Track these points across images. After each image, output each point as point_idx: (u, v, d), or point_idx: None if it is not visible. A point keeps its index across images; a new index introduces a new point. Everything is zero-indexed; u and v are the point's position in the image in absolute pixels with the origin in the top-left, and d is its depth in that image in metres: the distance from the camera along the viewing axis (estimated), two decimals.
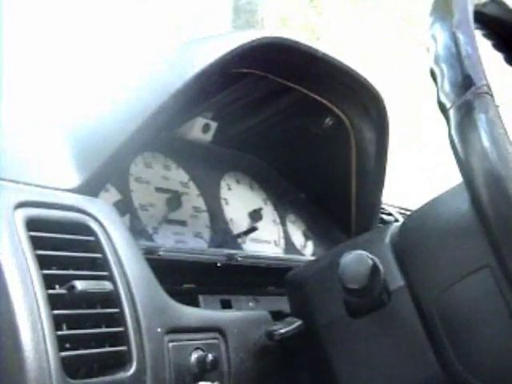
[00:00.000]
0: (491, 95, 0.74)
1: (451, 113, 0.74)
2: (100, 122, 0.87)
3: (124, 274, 0.74)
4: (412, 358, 0.86)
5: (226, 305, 0.98)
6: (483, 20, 0.91)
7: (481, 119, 0.72)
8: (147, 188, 1.03)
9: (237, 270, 1.03)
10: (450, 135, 0.74)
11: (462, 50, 0.75)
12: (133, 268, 0.76)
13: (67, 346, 0.66)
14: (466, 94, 0.73)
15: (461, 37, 0.76)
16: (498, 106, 0.74)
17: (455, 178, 0.80)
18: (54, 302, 0.66)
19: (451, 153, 0.74)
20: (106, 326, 0.71)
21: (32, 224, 0.69)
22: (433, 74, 0.76)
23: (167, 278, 0.81)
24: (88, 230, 0.75)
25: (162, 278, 0.79)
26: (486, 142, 0.71)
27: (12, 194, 0.70)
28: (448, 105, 0.74)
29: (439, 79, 0.75)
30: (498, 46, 0.98)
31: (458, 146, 0.73)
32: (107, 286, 0.72)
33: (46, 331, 0.64)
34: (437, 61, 0.76)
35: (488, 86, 0.74)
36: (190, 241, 1.04)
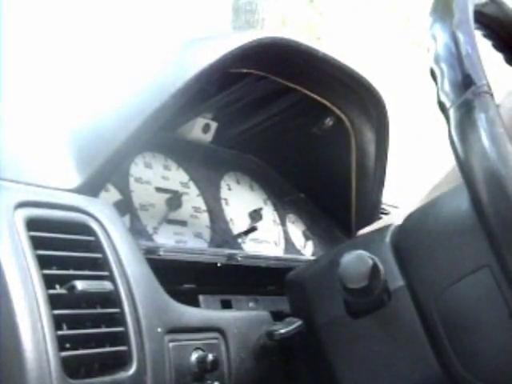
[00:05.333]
0: (491, 94, 0.74)
1: (451, 112, 0.74)
2: (100, 122, 0.87)
3: (124, 273, 0.74)
4: (412, 358, 0.85)
5: (226, 305, 0.98)
6: (483, 20, 0.91)
7: (481, 118, 0.72)
8: (147, 188, 1.03)
9: (237, 270, 1.03)
10: (449, 135, 0.74)
11: (462, 49, 0.75)
12: (133, 268, 0.76)
13: (67, 345, 0.66)
14: (465, 94, 0.73)
15: (461, 37, 0.76)
16: (497, 106, 0.74)
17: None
18: (54, 301, 0.66)
19: (451, 152, 0.74)
20: (106, 326, 0.71)
21: (32, 224, 0.68)
22: (433, 73, 0.76)
23: (167, 278, 0.81)
24: (88, 230, 0.75)
25: (162, 278, 0.79)
26: (485, 142, 0.71)
27: (12, 193, 0.70)
28: (448, 104, 0.74)
29: (439, 79, 0.75)
30: (498, 46, 0.98)
31: (458, 145, 0.73)
32: (107, 285, 0.72)
33: (46, 331, 0.63)
34: (437, 60, 0.76)
35: (488, 85, 0.74)
36: (190, 241, 1.04)
